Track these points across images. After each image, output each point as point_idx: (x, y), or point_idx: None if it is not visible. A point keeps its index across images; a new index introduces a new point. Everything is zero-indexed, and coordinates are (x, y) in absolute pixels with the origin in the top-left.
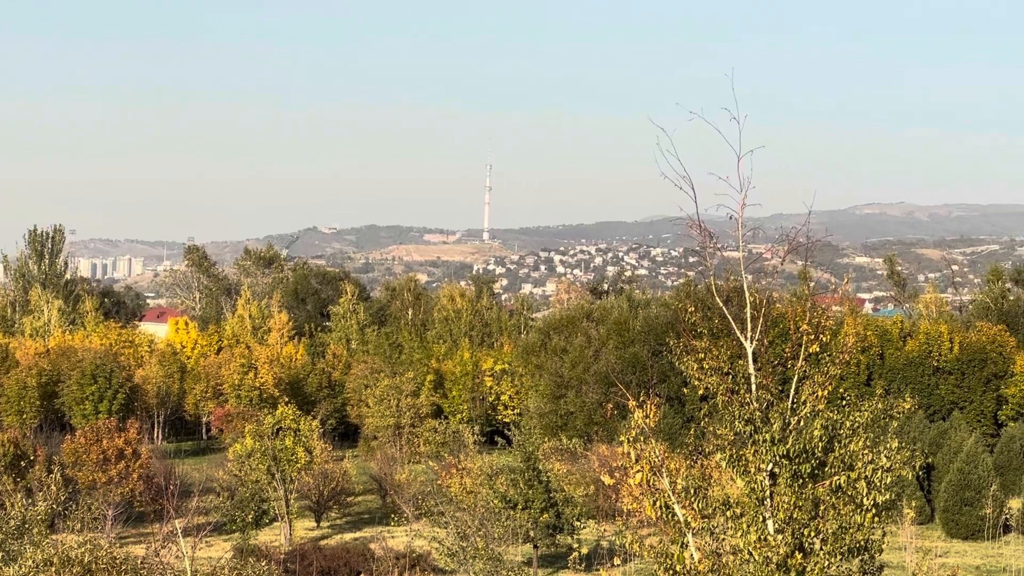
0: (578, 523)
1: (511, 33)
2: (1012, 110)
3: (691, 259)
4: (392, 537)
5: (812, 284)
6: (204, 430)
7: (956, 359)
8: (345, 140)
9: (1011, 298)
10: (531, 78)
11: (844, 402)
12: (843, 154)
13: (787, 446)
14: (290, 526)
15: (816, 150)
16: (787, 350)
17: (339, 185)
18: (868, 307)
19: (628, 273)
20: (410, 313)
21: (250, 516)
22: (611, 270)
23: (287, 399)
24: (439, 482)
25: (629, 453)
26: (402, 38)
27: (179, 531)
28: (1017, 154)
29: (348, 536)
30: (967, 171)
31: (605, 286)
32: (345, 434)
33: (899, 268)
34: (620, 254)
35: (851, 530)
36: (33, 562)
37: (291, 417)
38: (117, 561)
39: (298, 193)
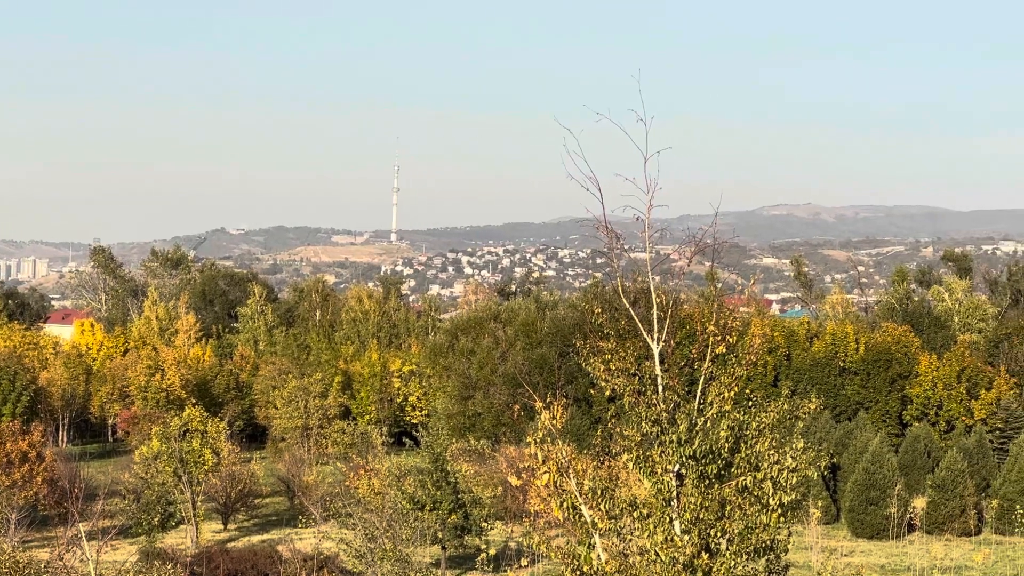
0: (486, 524)
1: (417, 33)
2: (918, 111)
3: (598, 260)
4: (300, 539)
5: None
6: (110, 432)
7: (862, 360)
8: (253, 141)
9: (916, 299)
10: (438, 79)
11: (750, 403)
12: (751, 155)
13: (694, 447)
14: (196, 529)
15: (724, 151)
16: (694, 351)
17: (247, 186)
18: (775, 308)
19: (536, 274)
20: (318, 314)
21: (156, 519)
22: (519, 271)
23: (194, 401)
24: (347, 483)
25: (536, 454)
26: (308, 39)
27: (84, 535)
28: (922, 155)
29: (255, 538)
30: (873, 172)
31: (513, 287)
32: (253, 436)
33: (806, 269)
34: (528, 255)
35: (757, 530)
36: None
37: (198, 419)
38: (20, 565)
39: (206, 194)
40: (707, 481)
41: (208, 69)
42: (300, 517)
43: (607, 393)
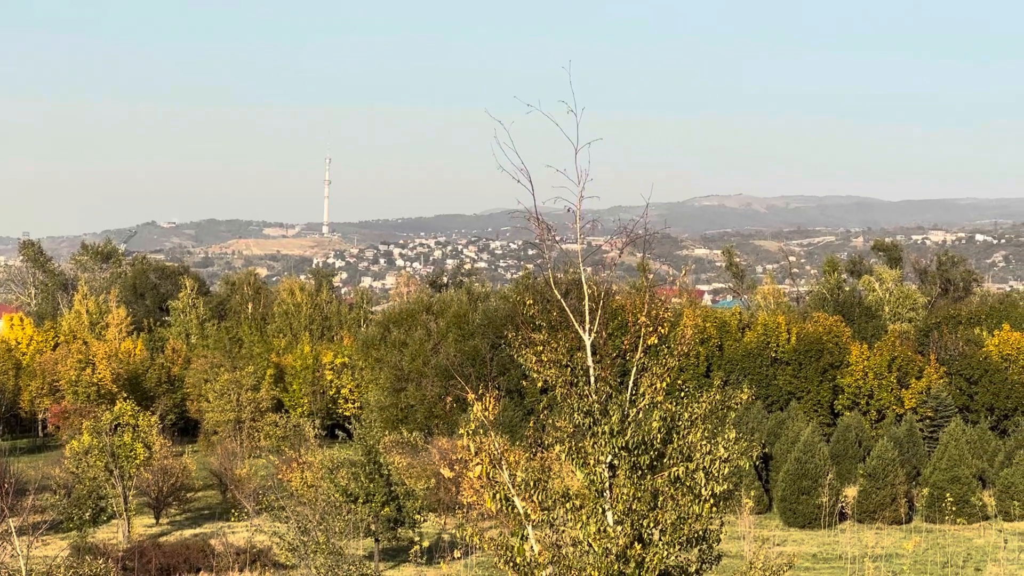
0: (419, 516)
1: (347, 27)
2: (847, 101)
3: (530, 252)
4: (232, 533)
5: (651, 276)
6: (40, 427)
7: (793, 350)
8: (184, 135)
9: (847, 289)
10: (369, 72)
11: (682, 394)
12: (683, 147)
13: (626, 438)
14: (128, 523)
15: (656, 143)
16: (626, 342)
17: (178, 180)
18: (707, 299)
19: (467, 266)
20: (250, 307)
21: (87, 514)
22: (450, 263)
23: (125, 395)
24: (280, 477)
25: (468, 446)
26: (239, 32)
27: (14, 530)
28: (854, 145)
29: (188, 532)
30: (804, 163)
31: (444, 279)
32: (185, 429)
33: (737, 260)
34: (459, 247)
35: (689, 520)
36: None
37: (130, 413)
38: None
39: (136, 188)
40: (639, 472)
41: (139, 61)
42: (233, 511)
43: (539, 384)
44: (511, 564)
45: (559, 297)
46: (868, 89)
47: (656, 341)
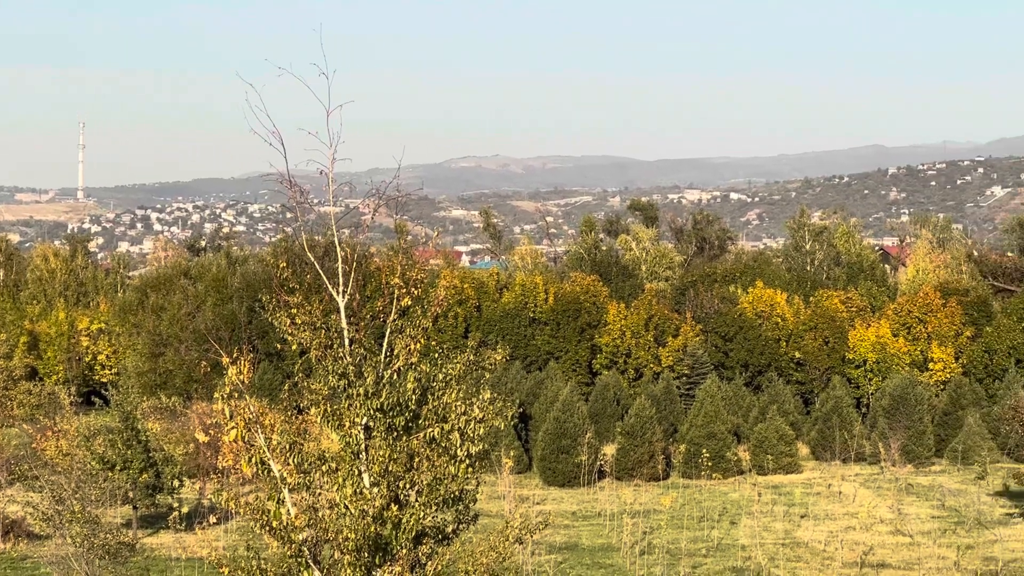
0: (178, 482)
1: None
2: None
3: (288, 215)
4: None
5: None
6: None
7: (551, 310)
8: None
9: (603, 248)
10: (123, 37)
11: (437, 355)
12: (440, 108)
13: (381, 399)
14: None
15: (412, 104)
16: (380, 304)
17: None
18: (465, 260)
19: (226, 230)
20: (1, 274)
21: None
22: (209, 227)
23: None
24: (34, 446)
25: (224, 410)
26: None
27: None
28: (607, 104)
29: None
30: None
31: (203, 243)
32: None
33: (495, 220)
34: (218, 211)
35: (446, 481)
36: None
37: None
38: None
39: None
40: (395, 433)
41: None
42: None
43: (294, 347)
44: (267, 528)
45: (313, 260)
46: (620, 47)
47: (410, 303)
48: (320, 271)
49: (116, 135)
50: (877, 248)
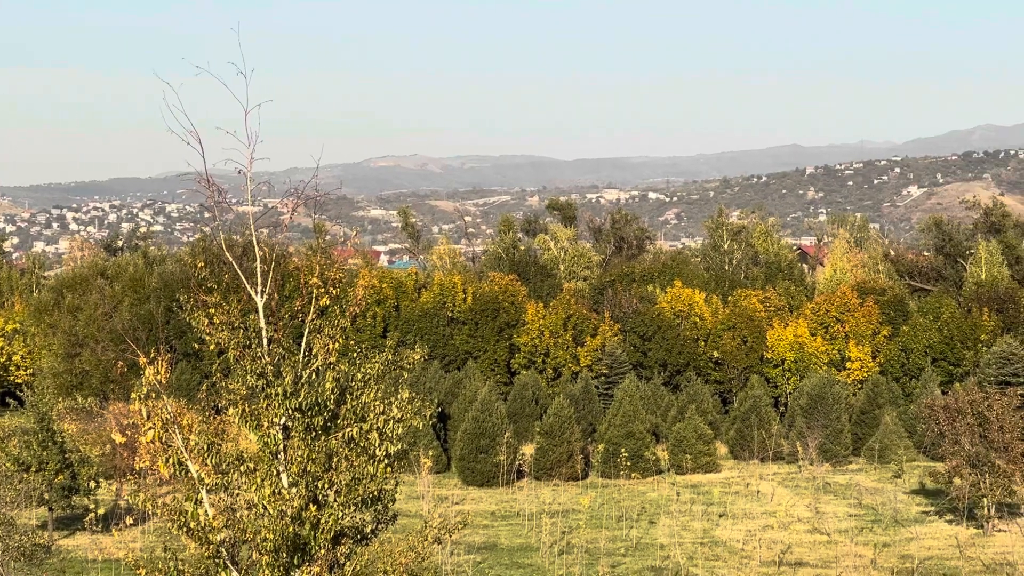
0: (94, 484)
1: None
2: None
3: (207, 215)
4: None
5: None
6: None
7: (470, 309)
8: None
9: (522, 248)
10: (41, 34)
11: (355, 354)
12: (358, 108)
13: (299, 399)
14: None
15: (331, 105)
16: (298, 304)
17: None
18: (384, 259)
19: (143, 230)
20: None
21: None
22: (126, 227)
23: None
24: None
25: (141, 411)
26: None
27: None
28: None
29: None
30: (479, 123)
31: (120, 243)
32: None
33: (413, 220)
34: (135, 211)
35: (364, 480)
36: None
37: None
38: None
39: None
40: (314, 433)
41: None
42: None
43: (212, 347)
44: (185, 529)
45: (231, 259)
46: (538, 47)
47: (329, 302)
48: (238, 271)
49: (30, 134)
50: (795, 247)
